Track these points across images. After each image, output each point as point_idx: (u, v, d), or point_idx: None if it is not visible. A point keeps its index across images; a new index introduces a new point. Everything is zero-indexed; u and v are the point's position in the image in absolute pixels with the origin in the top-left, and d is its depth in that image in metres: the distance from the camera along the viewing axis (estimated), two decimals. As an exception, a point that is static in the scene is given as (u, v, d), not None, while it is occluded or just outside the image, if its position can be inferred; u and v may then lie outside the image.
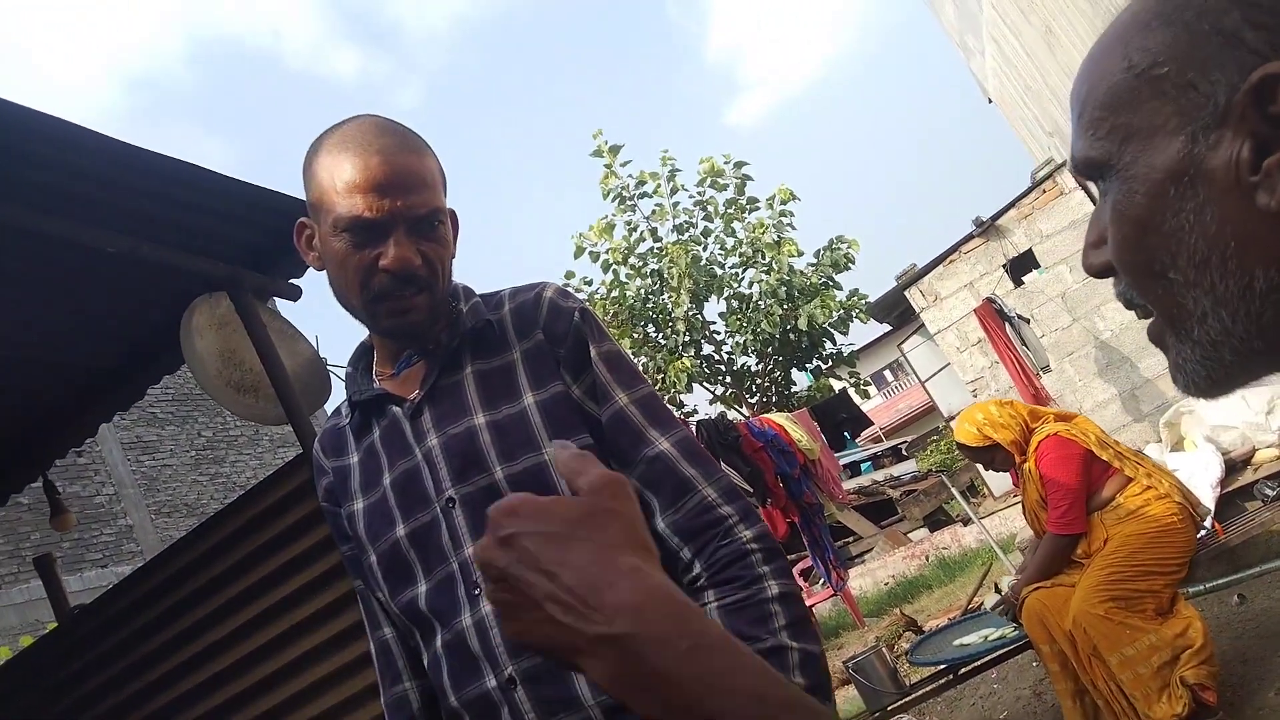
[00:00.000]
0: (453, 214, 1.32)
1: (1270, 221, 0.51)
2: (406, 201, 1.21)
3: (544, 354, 1.28)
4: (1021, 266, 8.93)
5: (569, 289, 1.40)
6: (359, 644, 2.79)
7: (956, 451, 13.95)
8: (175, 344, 3.10)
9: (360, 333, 1.39)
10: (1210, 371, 0.59)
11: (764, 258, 14.32)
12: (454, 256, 1.32)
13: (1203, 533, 3.52)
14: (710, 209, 14.71)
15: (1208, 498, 4.93)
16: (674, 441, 1.24)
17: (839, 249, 14.56)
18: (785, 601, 1.16)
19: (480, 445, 1.23)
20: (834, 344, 14.74)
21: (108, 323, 3.26)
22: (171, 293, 3.08)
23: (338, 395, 3.67)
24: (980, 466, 3.90)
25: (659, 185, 14.64)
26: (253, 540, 2.98)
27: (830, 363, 15.18)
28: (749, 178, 14.51)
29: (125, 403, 3.70)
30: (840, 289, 14.52)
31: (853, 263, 14.51)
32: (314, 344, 3.50)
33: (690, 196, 14.75)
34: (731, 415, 13.78)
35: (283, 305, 3.89)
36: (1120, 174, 0.58)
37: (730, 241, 14.79)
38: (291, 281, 3.41)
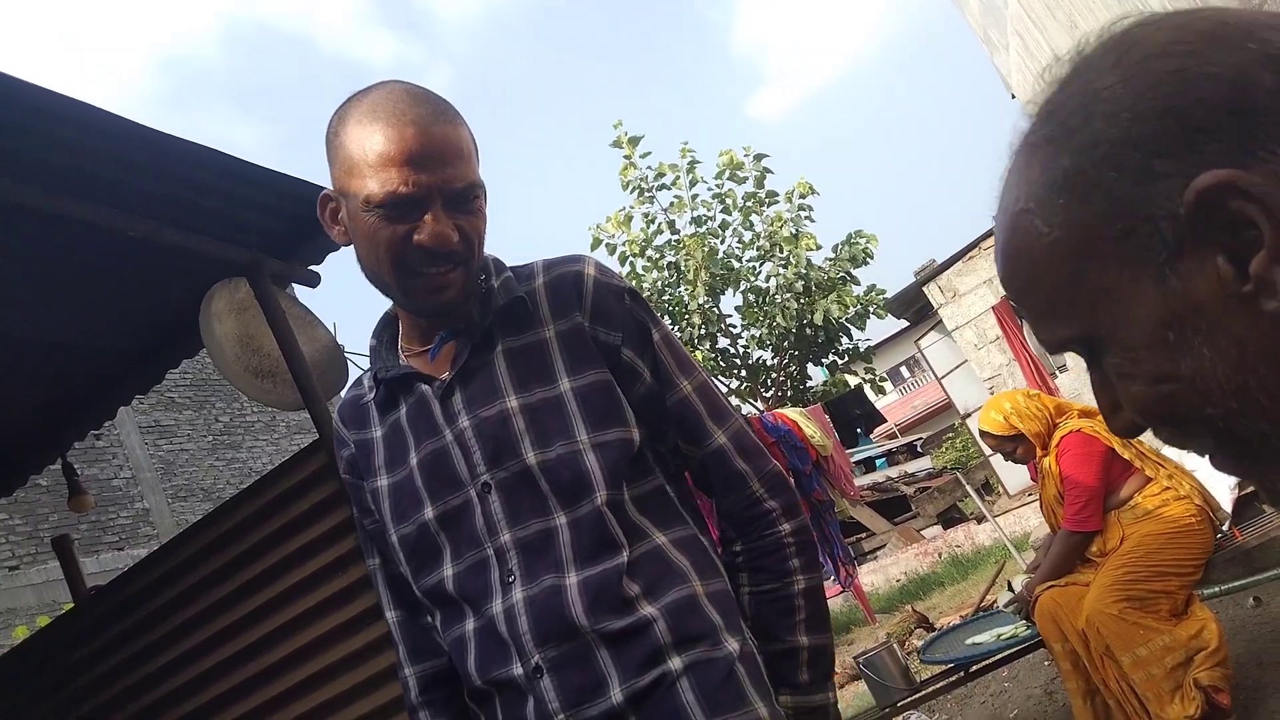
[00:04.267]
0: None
1: None
2: (443, 175, 1.15)
3: (582, 337, 1.24)
4: (1041, 264, 8.88)
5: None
6: (372, 629, 2.81)
7: (972, 448, 13.91)
8: (194, 328, 3.12)
9: (378, 312, 1.38)
10: None
11: (781, 251, 14.27)
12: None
13: (1220, 536, 3.49)
14: (729, 202, 14.66)
15: (1226, 499, 4.87)
16: (730, 435, 1.29)
17: (857, 244, 14.49)
18: (809, 596, 1.29)
19: (513, 430, 1.21)
20: (850, 339, 14.69)
21: (127, 306, 3.29)
22: (191, 277, 3.10)
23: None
24: (995, 462, 3.87)
25: (678, 177, 14.61)
26: (268, 525, 3.00)
27: (846, 358, 15.13)
28: (768, 171, 14.45)
29: (144, 386, 3.73)
30: (858, 284, 14.46)
31: (871, 258, 14.45)
32: (332, 331, 3.52)
33: (709, 189, 14.72)
34: (746, 409, 13.76)
35: (302, 292, 3.91)
36: (1108, 340, 0.55)
37: (748, 235, 14.75)
38: (311, 268, 3.43)
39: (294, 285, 3.57)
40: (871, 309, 14.25)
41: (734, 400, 14.79)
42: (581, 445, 1.20)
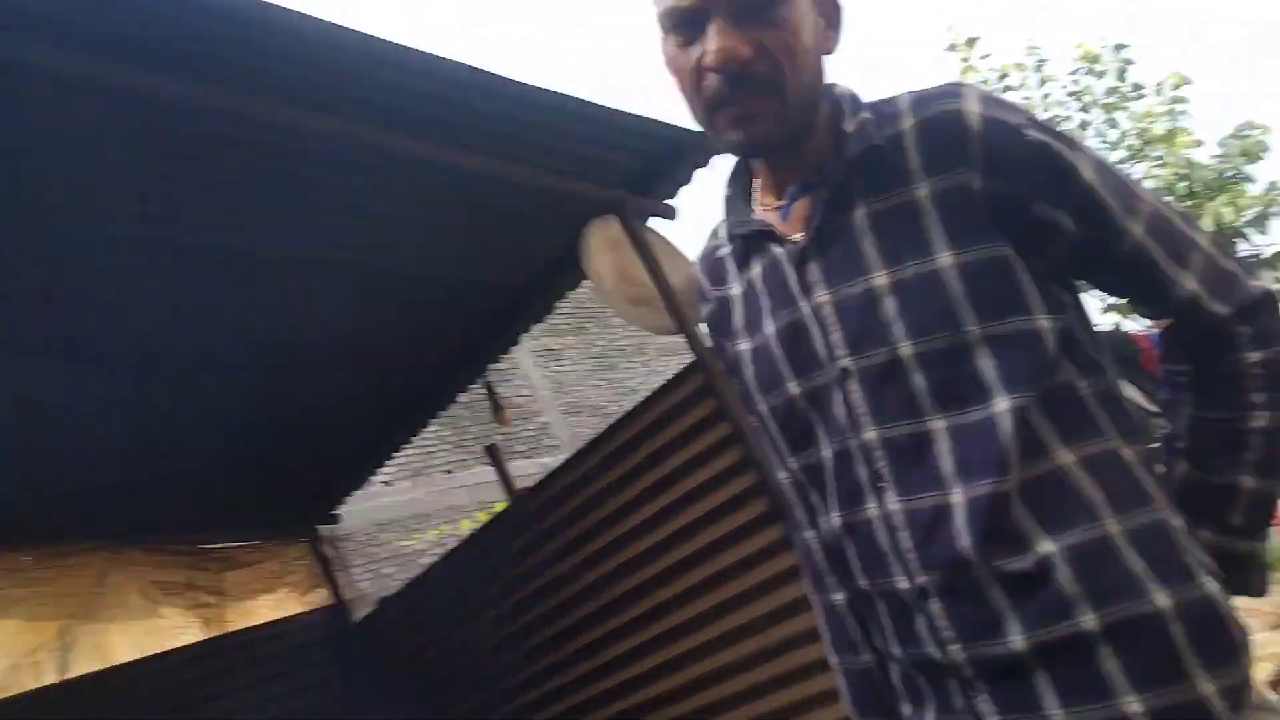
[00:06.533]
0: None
1: None
2: None
3: (969, 198, 0.99)
4: None
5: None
6: (755, 539, 2.99)
7: None
8: (573, 263, 3.46)
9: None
10: None
11: (1155, 150, 12.88)
12: (828, 50, 1.06)
13: None
14: (1086, 99, 13.41)
15: None
16: (1199, 275, 1.03)
17: (1249, 136, 12.71)
18: (1269, 436, 1.03)
19: (882, 314, 1.01)
20: (1250, 245, 13.03)
21: (519, 245, 3.66)
22: (569, 217, 3.41)
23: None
24: None
25: (1025, 78, 13.55)
26: (656, 440, 3.25)
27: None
28: (1130, 61, 13.02)
29: (539, 316, 4.18)
30: (1253, 181, 12.69)
31: (1267, 151, 12.64)
32: (692, 261, 3.77)
33: (1062, 87, 13.51)
34: (1128, 327, 12.71)
35: (660, 225, 4.20)
36: None
37: (1113, 134, 13.42)
38: (666, 202, 3.66)
39: (653, 219, 3.86)
40: (1272, 210, 12.50)
41: (1113, 317, 13.68)
42: (971, 338, 0.98)
